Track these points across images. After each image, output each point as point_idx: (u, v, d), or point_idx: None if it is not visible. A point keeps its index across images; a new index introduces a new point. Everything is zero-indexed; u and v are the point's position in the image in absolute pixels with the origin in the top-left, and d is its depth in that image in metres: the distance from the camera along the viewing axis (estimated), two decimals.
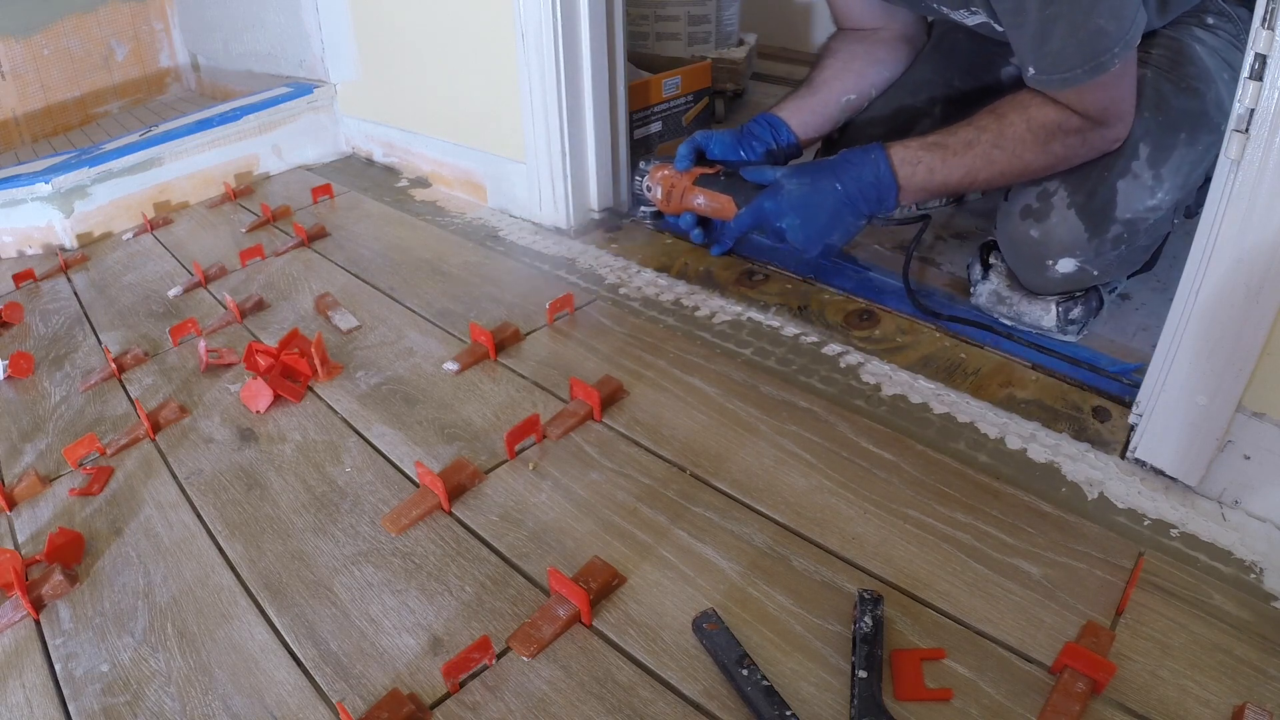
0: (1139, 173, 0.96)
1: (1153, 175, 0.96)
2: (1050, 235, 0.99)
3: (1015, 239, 1.03)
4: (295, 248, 1.43)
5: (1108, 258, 0.98)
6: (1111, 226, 0.97)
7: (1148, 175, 0.96)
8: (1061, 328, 1.04)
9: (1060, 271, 1.00)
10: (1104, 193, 0.97)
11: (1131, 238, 0.97)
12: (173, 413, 1.01)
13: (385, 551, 0.79)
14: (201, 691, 0.68)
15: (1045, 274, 1.01)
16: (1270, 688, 0.62)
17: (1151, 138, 0.96)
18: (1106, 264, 0.99)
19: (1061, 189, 0.99)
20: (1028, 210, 1.01)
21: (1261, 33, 0.66)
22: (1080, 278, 1.00)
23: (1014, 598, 0.70)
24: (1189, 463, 0.80)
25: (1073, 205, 0.98)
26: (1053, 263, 0.99)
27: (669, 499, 0.83)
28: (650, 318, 1.15)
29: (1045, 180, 1.01)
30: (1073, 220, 0.98)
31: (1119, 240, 0.97)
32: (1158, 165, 0.96)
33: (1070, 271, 0.99)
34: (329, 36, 1.77)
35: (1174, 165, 0.96)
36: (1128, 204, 0.96)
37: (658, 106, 1.52)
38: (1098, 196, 0.97)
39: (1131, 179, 0.96)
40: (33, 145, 2.24)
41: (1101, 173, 0.97)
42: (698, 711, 0.63)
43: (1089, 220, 0.97)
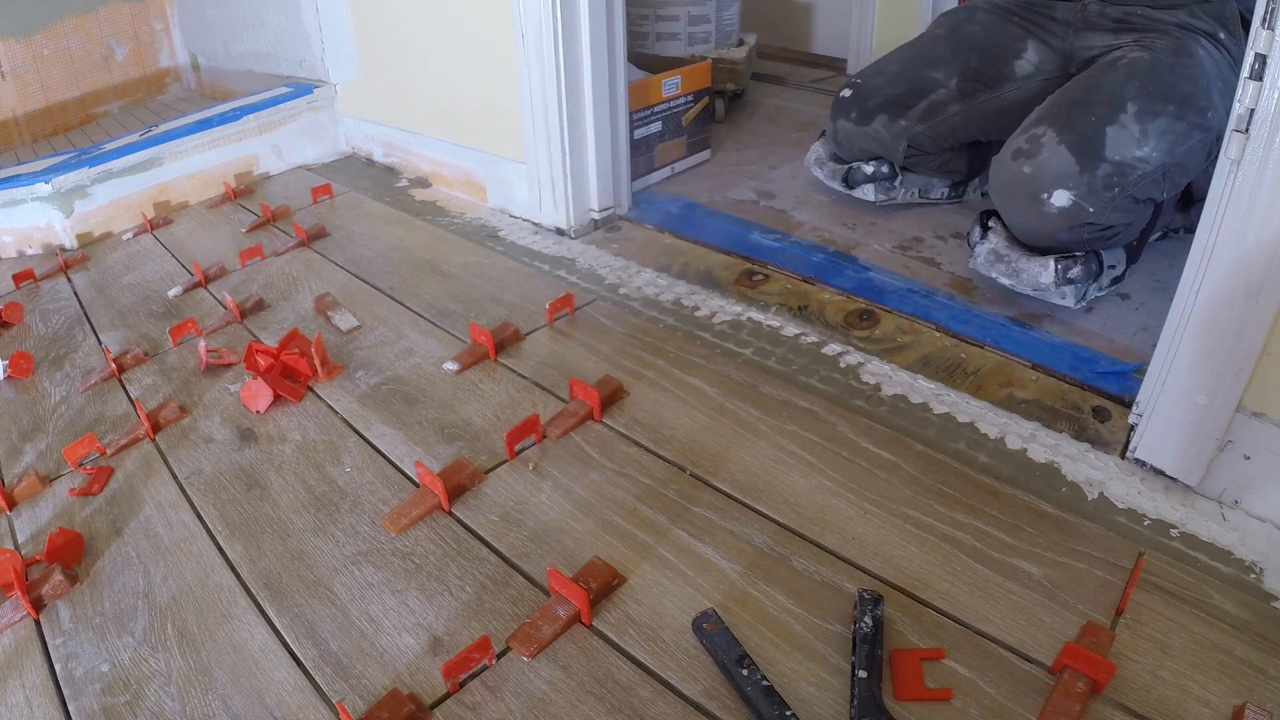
0: (1126, 124, 1.02)
1: (1139, 129, 1.02)
2: (1042, 168, 1.03)
3: (1009, 180, 1.06)
4: (295, 248, 1.43)
5: (1101, 196, 1.01)
6: (1101, 164, 1.01)
7: (1135, 128, 1.02)
8: (1059, 284, 1.05)
9: (1055, 205, 1.02)
10: (1093, 134, 1.03)
11: (1123, 182, 1.02)
12: (173, 413, 1.01)
13: (385, 551, 0.79)
14: (201, 691, 0.68)
15: (1041, 209, 1.03)
16: (1270, 688, 0.62)
17: (1140, 100, 1.03)
18: (1102, 203, 1.02)
19: (1050, 130, 1.05)
20: (1019, 152, 1.06)
21: (1262, 33, 0.66)
22: (1076, 213, 1.02)
23: (1014, 598, 0.70)
24: (1189, 463, 0.80)
25: (1062, 142, 1.03)
26: (1047, 195, 1.02)
27: (669, 499, 0.83)
28: (650, 318, 1.15)
29: (1032, 126, 1.07)
30: (1063, 153, 1.03)
31: (1110, 180, 1.01)
32: (1144, 122, 1.03)
33: (1065, 205, 1.02)
34: (329, 36, 1.77)
35: (1160, 128, 1.02)
36: (1116, 147, 1.02)
37: (658, 106, 1.52)
38: (1086, 136, 1.03)
39: (1119, 128, 1.03)
40: (33, 145, 2.24)
41: (1089, 118, 1.04)
42: (698, 711, 0.63)
43: (1079, 154, 1.02)
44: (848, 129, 1.37)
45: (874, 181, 1.39)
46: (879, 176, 1.38)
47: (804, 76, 2.31)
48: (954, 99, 1.30)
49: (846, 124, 1.37)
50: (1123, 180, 1.02)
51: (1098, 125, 1.03)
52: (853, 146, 1.39)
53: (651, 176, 1.57)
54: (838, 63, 2.40)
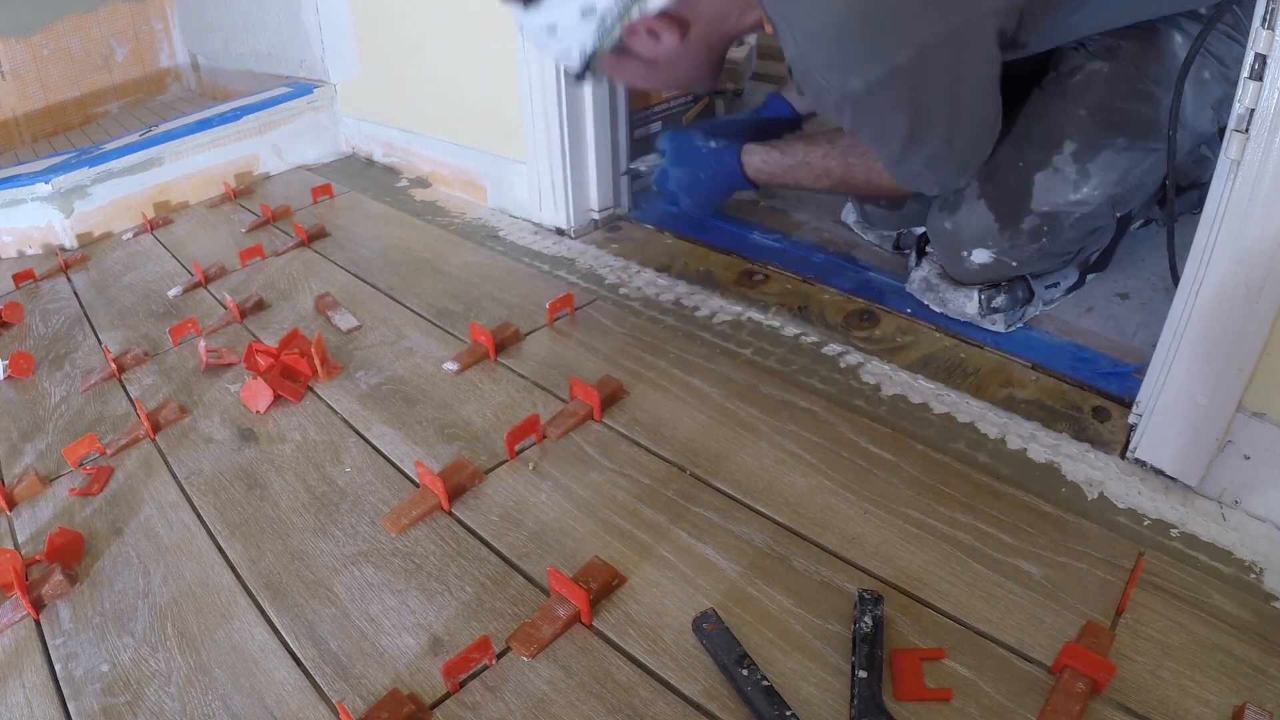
0: (1060, 166, 0.95)
1: (1077, 170, 0.94)
2: (961, 226, 1.00)
3: (934, 231, 1.05)
4: (295, 248, 1.43)
5: (1026, 250, 0.98)
6: (1026, 218, 0.96)
7: (1071, 170, 0.94)
8: (984, 314, 1.05)
9: (976, 262, 1.01)
10: (1018, 185, 0.96)
11: (1054, 231, 0.97)
12: (173, 413, 1.01)
13: (385, 551, 0.79)
14: (201, 691, 0.68)
15: (963, 265, 1.02)
16: (1270, 688, 0.62)
17: (1082, 135, 0.95)
18: (1025, 256, 0.99)
19: (974, 181, 1.00)
20: (943, 203, 1.03)
21: (1262, 33, 0.66)
22: (998, 268, 1.01)
23: (1014, 598, 0.70)
24: (1189, 463, 0.80)
25: (982, 196, 0.98)
26: (966, 253, 1.01)
27: (669, 499, 0.83)
28: (650, 318, 1.15)
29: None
30: (982, 210, 0.98)
31: (1037, 232, 0.97)
32: (1084, 161, 0.94)
33: (986, 261, 1.00)
34: (329, 36, 1.77)
35: (1105, 162, 0.94)
36: (1046, 196, 0.95)
37: (658, 106, 1.52)
38: (1010, 188, 0.97)
39: (1051, 172, 0.95)
40: (33, 145, 2.24)
41: (1016, 164, 0.97)
42: (698, 711, 0.63)
43: (999, 210, 0.97)
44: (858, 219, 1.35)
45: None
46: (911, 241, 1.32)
47: None
48: None
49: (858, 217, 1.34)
50: (1054, 228, 0.96)
51: (1024, 172, 0.96)
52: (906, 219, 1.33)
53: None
54: None
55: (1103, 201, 0.96)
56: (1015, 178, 0.97)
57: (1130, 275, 1.17)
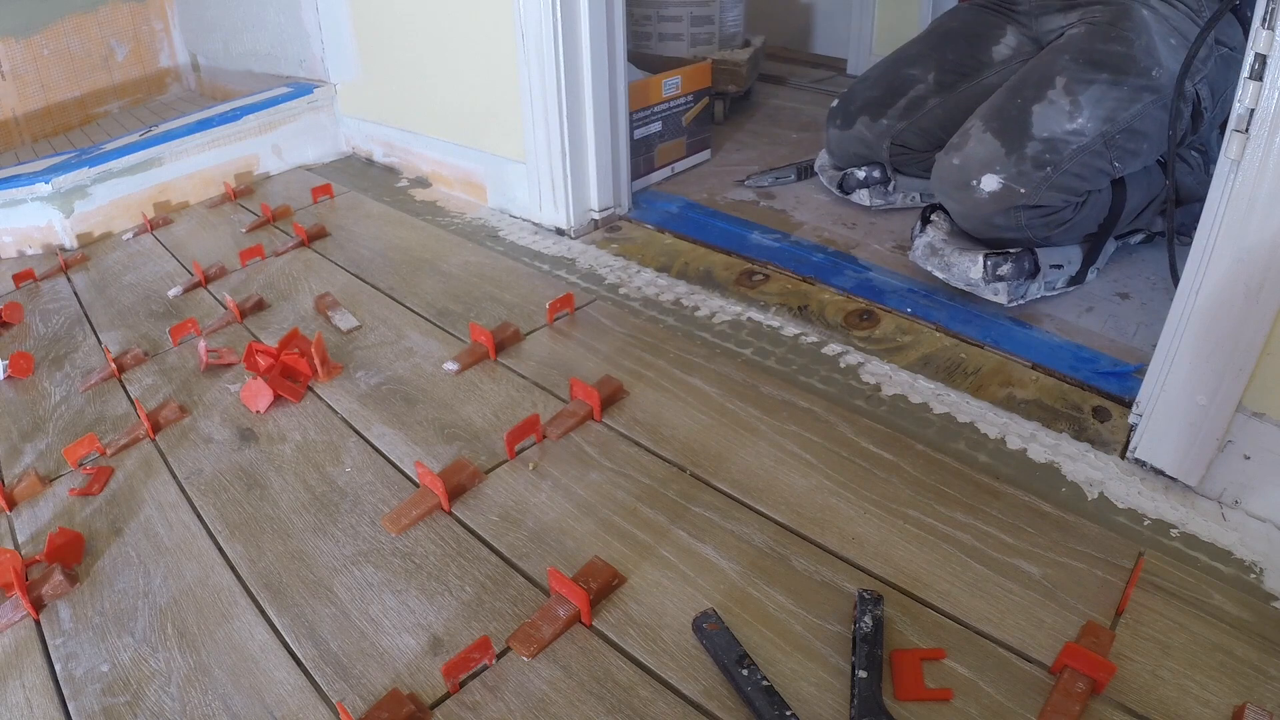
0: (1054, 99, 1.04)
1: (1069, 101, 1.03)
2: (969, 157, 1.06)
3: (942, 174, 1.10)
4: (295, 248, 1.43)
5: (1032, 176, 1.03)
6: (1029, 143, 1.03)
7: (1064, 101, 1.03)
8: (989, 280, 1.06)
9: (985, 190, 1.05)
10: (1018, 116, 1.05)
11: (1055, 159, 1.03)
12: (173, 413, 1.01)
13: (385, 551, 0.79)
14: (201, 691, 0.67)
15: (973, 195, 1.06)
16: (1270, 688, 0.62)
17: (1068, 72, 1.05)
18: (1033, 183, 1.03)
19: (977, 122, 1.08)
20: (950, 147, 1.10)
21: (1262, 33, 0.66)
22: (1007, 196, 1.04)
23: (1014, 598, 0.70)
24: (1189, 463, 0.80)
25: (988, 129, 1.06)
26: (976, 182, 1.05)
27: (669, 499, 0.83)
28: (650, 318, 1.15)
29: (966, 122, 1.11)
30: (989, 140, 1.05)
31: (1041, 159, 1.03)
32: (1075, 93, 1.03)
33: (995, 189, 1.04)
34: (329, 36, 1.77)
35: (1094, 96, 1.03)
36: (1044, 124, 1.03)
37: (658, 106, 1.52)
38: (1012, 120, 1.05)
39: (1047, 104, 1.04)
40: (33, 145, 2.24)
41: (1015, 101, 1.07)
42: (698, 711, 0.63)
43: (1004, 137, 1.04)
44: (835, 135, 1.41)
45: (867, 186, 1.41)
46: (871, 181, 1.40)
47: (805, 77, 2.31)
48: (933, 92, 1.32)
49: (835, 131, 1.41)
50: (1056, 156, 1.03)
51: (1023, 106, 1.05)
52: (844, 153, 1.42)
53: (651, 176, 1.57)
54: (838, 63, 2.40)
55: (1096, 136, 1.03)
56: (1015, 111, 1.05)
57: (1130, 275, 1.17)
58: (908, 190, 1.41)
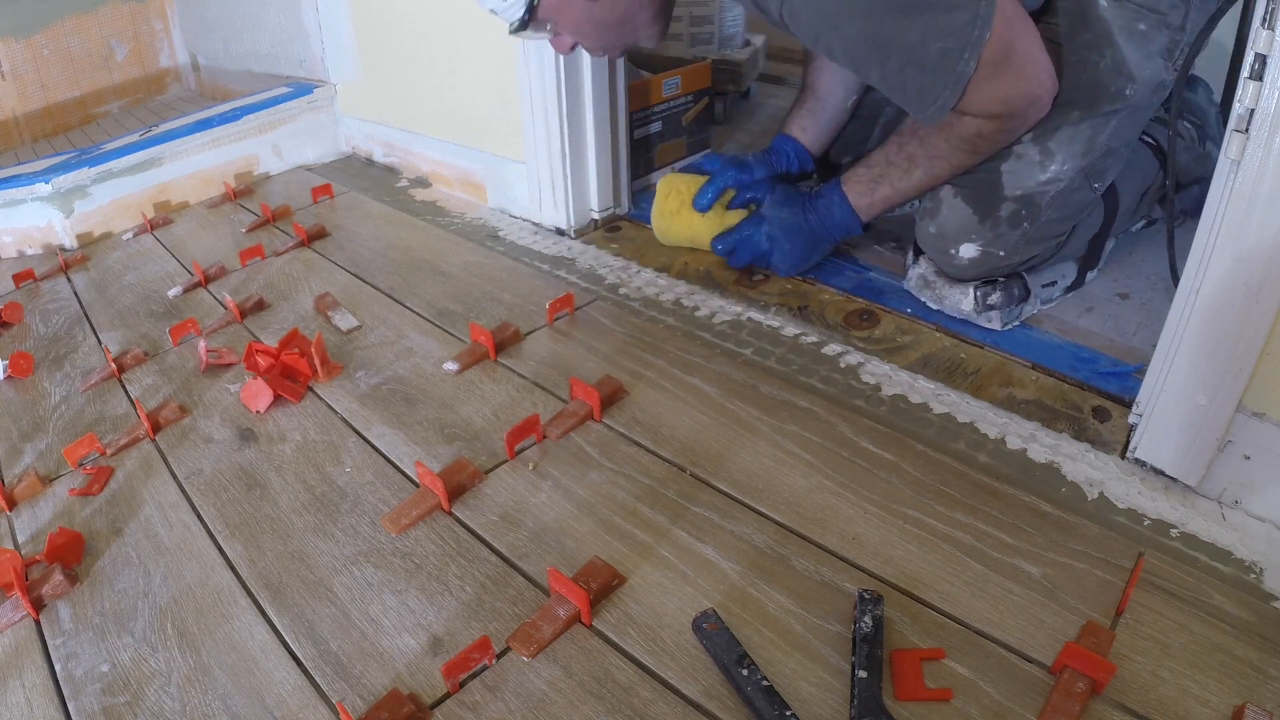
0: (1022, 153, 0.99)
1: (1039, 151, 0.99)
2: (944, 226, 1.05)
3: (922, 239, 1.09)
4: (295, 248, 1.43)
5: (1009, 237, 1.01)
6: (1002, 205, 1.00)
7: (1033, 152, 0.99)
8: (980, 311, 1.07)
9: (965, 257, 1.04)
10: (987, 178, 1.01)
11: (1032, 213, 1.00)
12: (173, 413, 1.01)
13: (385, 551, 0.79)
14: (201, 691, 0.68)
15: (954, 262, 1.05)
16: (1270, 688, 0.62)
17: None
18: (1011, 244, 1.02)
19: (948, 185, 1.05)
20: (924, 211, 1.08)
21: (1262, 33, 0.66)
22: (987, 260, 1.03)
23: (1014, 598, 0.70)
24: (1189, 463, 0.80)
25: (959, 195, 1.04)
26: (954, 251, 1.04)
27: (669, 499, 0.83)
28: (650, 318, 1.15)
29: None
30: (960, 207, 1.03)
31: (1016, 218, 1.00)
32: (1044, 140, 0.98)
33: (975, 255, 1.03)
34: (329, 36, 1.77)
35: (1064, 138, 0.98)
36: (1016, 182, 1.00)
37: (658, 106, 1.52)
38: (980, 183, 1.02)
39: (1015, 159, 0.99)
40: (33, 145, 2.24)
41: (985, 161, 1.01)
42: (698, 711, 0.63)
43: (976, 204, 1.02)
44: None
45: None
46: None
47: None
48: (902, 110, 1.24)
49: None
50: (1032, 209, 1.00)
51: (990, 166, 1.00)
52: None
53: (652, 176, 1.57)
54: None
55: (1075, 174, 0.99)
56: (984, 172, 1.02)
57: (1130, 275, 1.17)
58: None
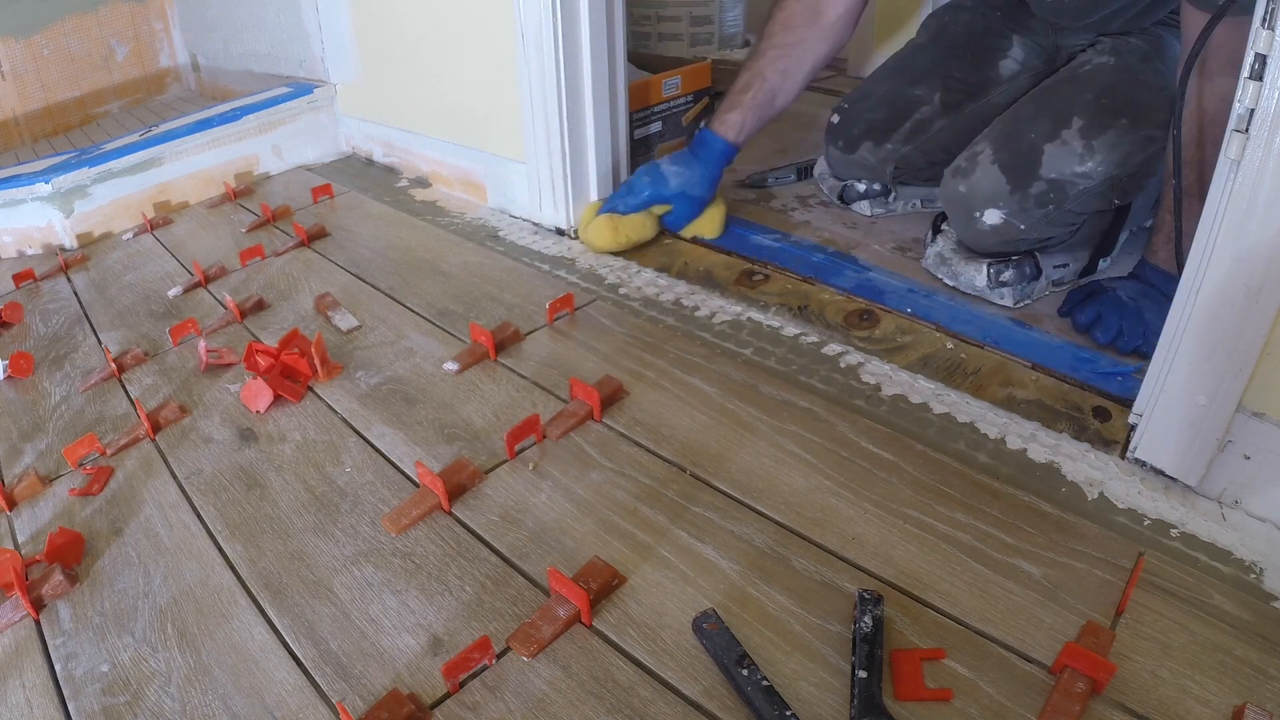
0: (1068, 140, 1.04)
1: (1083, 145, 1.03)
2: (975, 188, 1.07)
3: (948, 197, 1.11)
4: (295, 248, 1.43)
5: (1033, 214, 1.04)
6: (1035, 183, 1.04)
7: (1078, 144, 1.03)
8: (992, 287, 1.10)
9: (987, 223, 1.07)
10: (1029, 153, 1.05)
11: (1059, 199, 1.04)
12: (173, 413, 1.01)
13: (385, 551, 0.79)
14: (201, 691, 0.68)
15: (975, 226, 1.08)
16: (1270, 688, 0.62)
17: (1088, 113, 1.04)
18: (1033, 220, 1.05)
19: (988, 148, 1.08)
20: (957, 170, 1.10)
21: (1261, 33, 0.66)
22: (1006, 230, 1.06)
23: (1014, 598, 0.70)
24: (1189, 463, 0.80)
25: (996, 161, 1.07)
26: (979, 214, 1.07)
27: (669, 499, 0.83)
28: (650, 318, 1.15)
29: (976, 143, 1.10)
30: (995, 174, 1.06)
31: (1044, 198, 1.04)
32: (1090, 137, 1.03)
33: (996, 223, 1.06)
34: (329, 36, 1.77)
35: (1108, 141, 1.02)
36: (1053, 165, 1.03)
37: (658, 106, 1.52)
38: (1022, 156, 1.05)
39: (1060, 145, 1.04)
40: (33, 145, 2.24)
41: (1029, 136, 1.06)
42: (698, 711, 0.63)
43: (1011, 174, 1.05)
44: (836, 155, 1.38)
45: (868, 199, 1.40)
46: (871, 194, 1.39)
47: None
48: (938, 114, 1.28)
49: (835, 151, 1.37)
50: (1059, 197, 1.04)
51: (1035, 143, 1.05)
52: (845, 170, 1.39)
53: None
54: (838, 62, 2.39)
55: (1104, 180, 1.03)
56: (1027, 147, 1.05)
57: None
58: (908, 199, 1.41)
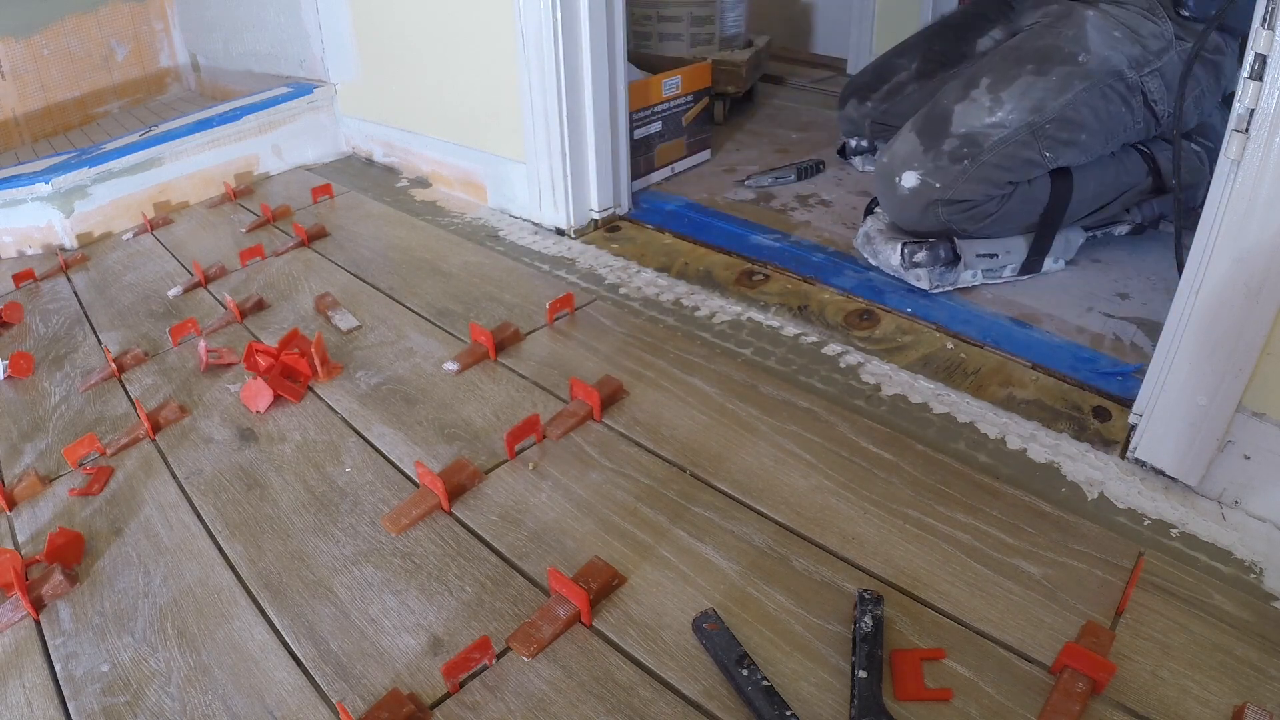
0: (976, 97, 1.10)
1: (991, 98, 1.09)
2: (894, 154, 1.14)
3: (876, 171, 1.19)
4: (295, 248, 1.43)
5: (949, 170, 1.09)
6: (946, 140, 1.09)
7: (985, 99, 1.09)
8: (906, 268, 1.15)
9: (905, 186, 1.13)
10: (939, 114, 1.12)
11: (973, 151, 1.08)
12: (173, 413, 1.01)
13: (385, 551, 0.79)
14: (201, 691, 0.67)
15: (896, 192, 1.14)
16: (1270, 688, 0.62)
17: (993, 72, 1.11)
18: (949, 177, 1.09)
19: (910, 121, 1.16)
20: (884, 147, 1.18)
21: (1261, 33, 0.66)
22: (924, 191, 1.11)
23: (1014, 598, 0.70)
24: (1189, 463, 0.80)
25: (913, 128, 1.14)
26: (898, 179, 1.13)
27: (669, 499, 0.83)
28: (650, 318, 1.15)
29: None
30: (911, 138, 1.14)
31: (958, 153, 1.09)
32: (997, 90, 1.09)
33: (914, 185, 1.12)
34: (329, 36, 1.77)
35: (1017, 90, 1.08)
36: (963, 120, 1.10)
37: (658, 106, 1.52)
38: (933, 118, 1.13)
39: (968, 102, 1.10)
40: (33, 145, 2.24)
41: (941, 102, 1.14)
42: (698, 711, 0.63)
43: (923, 135, 1.11)
44: (837, 114, 1.57)
45: (860, 154, 1.58)
46: (861, 150, 1.59)
47: (805, 77, 2.31)
48: (912, 79, 1.42)
49: (838, 110, 1.57)
50: (974, 149, 1.08)
51: (946, 106, 1.12)
52: (841, 126, 1.58)
53: (652, 176, 1.57)
54: (838, 62, 2.39)
55: (1020, 126, 1.08)
56: (939, 111, 1.13)
57: (1130, 275, 1.17)
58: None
